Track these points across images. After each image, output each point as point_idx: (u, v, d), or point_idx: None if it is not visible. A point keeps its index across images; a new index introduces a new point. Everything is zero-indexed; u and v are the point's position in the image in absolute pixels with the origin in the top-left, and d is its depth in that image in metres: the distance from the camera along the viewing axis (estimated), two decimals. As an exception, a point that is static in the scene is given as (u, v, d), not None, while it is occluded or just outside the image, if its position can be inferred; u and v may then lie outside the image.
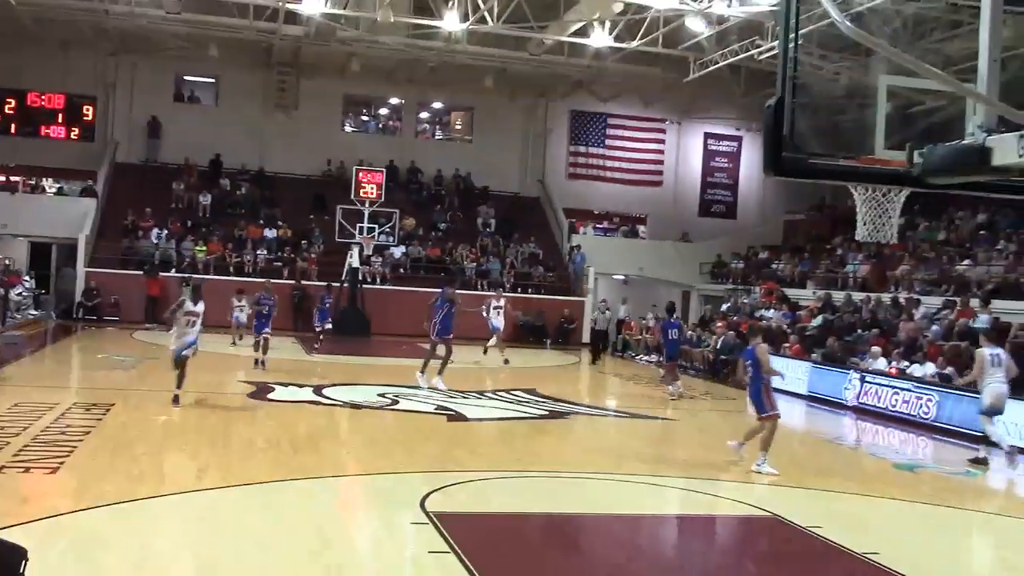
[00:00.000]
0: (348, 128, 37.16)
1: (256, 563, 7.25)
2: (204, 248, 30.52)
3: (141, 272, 28.78)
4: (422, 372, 17.58)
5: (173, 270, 29.47)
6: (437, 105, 38.02)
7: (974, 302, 21.04)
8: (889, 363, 19.93)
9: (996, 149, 5.43)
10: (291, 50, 32.74)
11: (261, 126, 34.49)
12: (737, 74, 31.25)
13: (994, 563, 8.80)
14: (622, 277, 35.16)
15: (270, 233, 32.10)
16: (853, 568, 8.29)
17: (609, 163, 37.47)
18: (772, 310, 27.41)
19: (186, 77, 35.27)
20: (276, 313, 20.35)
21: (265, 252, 31.21)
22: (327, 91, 34.93)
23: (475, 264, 32.68)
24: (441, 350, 17.65)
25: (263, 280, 25.18)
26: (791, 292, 28.71)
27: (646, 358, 28.30)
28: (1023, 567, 8.81)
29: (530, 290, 32.48)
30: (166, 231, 30.89)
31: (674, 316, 20.31)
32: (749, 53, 26.50)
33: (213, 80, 35.09)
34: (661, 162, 37.83)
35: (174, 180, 32.97)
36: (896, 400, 18.26)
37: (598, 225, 38.13)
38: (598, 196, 37.58)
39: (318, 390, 16.95)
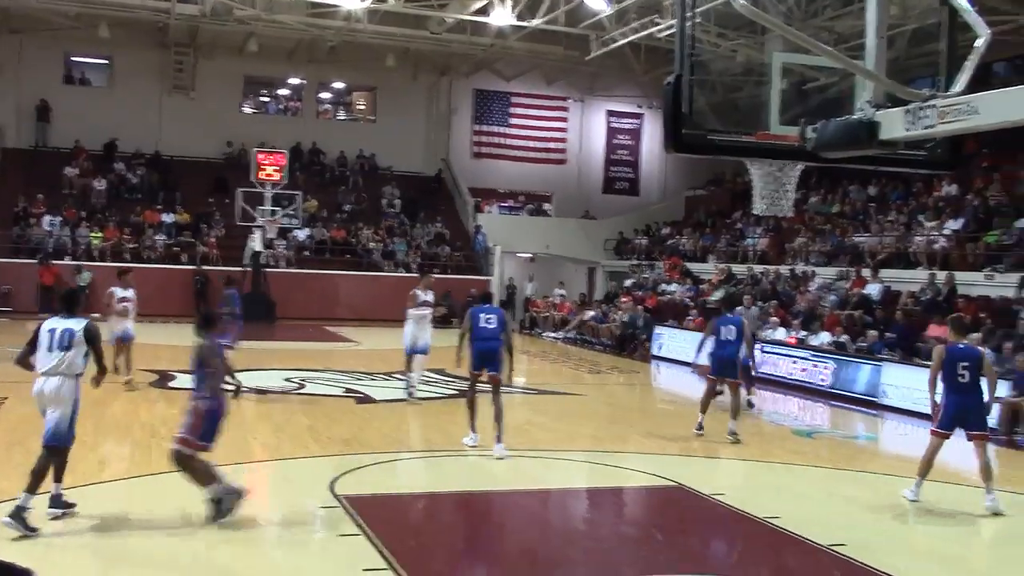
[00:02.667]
0: (248, 109, 36.38)
1: (163, 552, 7.13)
2: (100, 234, 29.63)
3: (35, 261, 27.81)
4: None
5: (68, 258, 28.55)
6: (339, 85, 37.51)
7: (867, 272, 21.78)
8: (788, 333, 20.50)
9: (883, 124, 5.63)
10: (187, 29, 31.87)
11: (157, 108, 33.50)
12: (638, 52, 31.56)
13: (889, 521, 9.15)
14: (528, 255, 35.35)
15: (168, 218, 31.31)
16: (756, 532, 8.54)
17: (513, 141, 37.53)
18: (675, 284, 27.92)
19: (76, 58, 34.02)
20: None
21: (164, 237, 30.45)
22: (225, 71, 34.11)
23: (381, 245, 32.45)
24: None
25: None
26: (693, 266, 29.29)
27: (552, 335, 28.56)
28: (916, 524, 9.20)
29: (436, 270, 32.38)
30: (60, 218, 29.87)
31: (734, 310, 14.61)
32: (649, 31, 26.78)
33: (106, 61, 33.95)
34: (565, 140, 38.04)
35: (66, 165, 31.85)
36: (794, 369, 18.82)
37: (503, 204, 38.21)
38: (503, 175, 37.64)
39: (222, 376, 16.63)
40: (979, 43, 5.59)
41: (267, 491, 9.70)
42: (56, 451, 7.71)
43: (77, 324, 7.80)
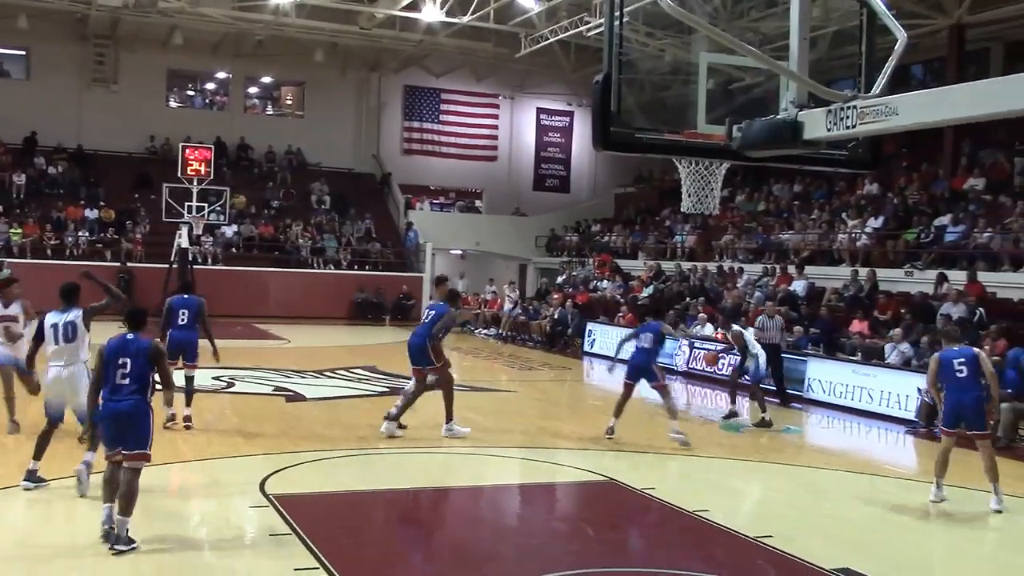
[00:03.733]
0: (173, 103, 35.71)
1: (90, 556, 6.99)
2: (20, 230, 28.85)
3: (-51, 257, 26.96)
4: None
5: (-15, 254, 27.75)
6: (266, 80, 37.04)
7: (792, 269, 22.22)
8: (715, 329, 20.80)
9: (806, 124, 5.75)
10: (109, 21, 31.15)
11: (78, 101, 32.72)
12: (567, 50, 31.76)
13: (813, 512, 9.37)
14: (459, 252, 35.33)
15: (91, 214, 30.60)
16: (686, 525, 8.68)
17: (444, 138, 37.45)
18: (606, 281, 28.15)
19: (-7, 49, 33.14)
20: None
21: (87, 234, 29.76)
22: (149, 65, 33.42)
23: (310, 242, 32.15)
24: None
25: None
26: (623, 263, 29.56)
27: (485, 332, 28.61)
28: (837, 513, 9.43)
29: (367, 267, 32.25)
30: (-24, 213, 29.03)
31: (657, 317, 13.48)
32: (578, 29, 26.94)
33: (23, 52, 33.02)
34: (496, 137, 38.09)
35: (-17, 159, 30.97)
36: (722, 364, 19.08)
37: (435, 200, 38.13)
38: (434, 171, 37.54)
39: (149, 375, 16.34)
40: (897, 46, 5.75)
41: (197, 491, 9.56)
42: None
43: (76, 315, 9.18)
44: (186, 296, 12.45)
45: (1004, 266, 18.69)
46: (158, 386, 7.74)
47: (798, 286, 21.32)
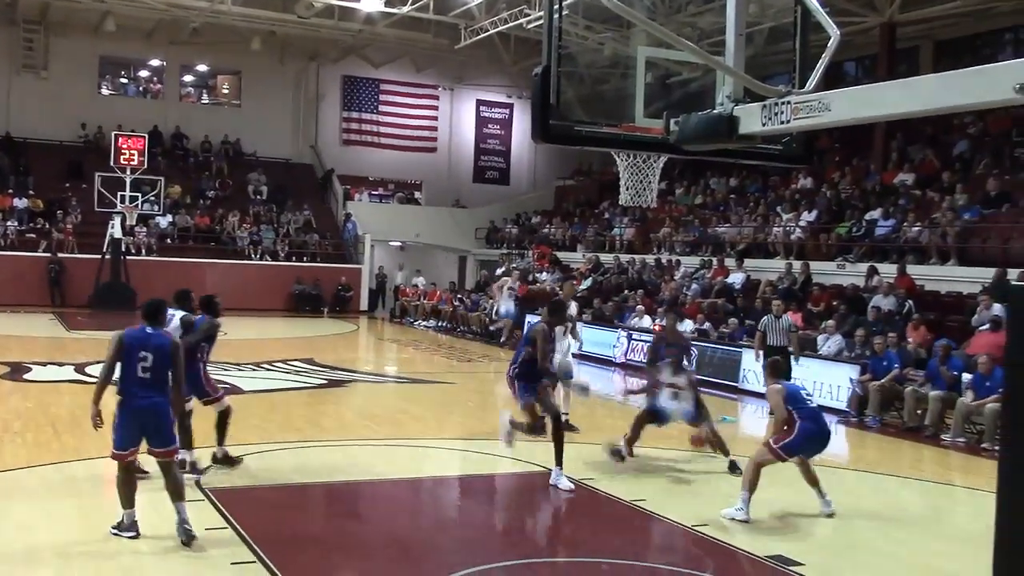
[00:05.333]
0: (105, 91, 34.92)
1: (22, 551, 6.86)
2: (-56, 220, 28.10)
3: None
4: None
5: (-92, 244, 26.99)
6: (202, 68, 36.42)
7: (729, 261, 22.52)
8: (653, 321, 21.01)
9: (742, 118, 5.83)
10: (38, 6, 30.40)
11: (7, 88, 31.89)
12: (507, 42, 31.75)
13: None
14: (399, 244, 35.19)
15: (21, 203, 29.87)
16: (624, 515, 8.78)
17: (383, 129, 37.21)
18: (545, 273, 28.25)
19: (-84, 32, 32.13)
20: None
21: (16, 224, 29.05)
22: (80, 51, 32.67)
23: (248, 233, 31.75)
24: None
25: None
26: (563, 255, 29.69)
27: (424, 323, 28.55)
28: (770, 501, 9.59)
29: (305, 258, 31.95)
30: (-102, 201, 28.18)
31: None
32: (518, 22, 26.96)
33: (-52, 37, 32.15)
34: (435, 128, 37.95)
35: (-94, 146, 30.05)
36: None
37: (373, 192, 37.88)
38: (373, 162, 37.30)
39: (80, 368, 16.03)
40: (830, 43, 5.87)
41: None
42: None
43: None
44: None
45: (932, 259, 19.14)
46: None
47: (735, 279, 21.62)
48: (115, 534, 7.20)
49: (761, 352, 14.74)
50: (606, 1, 5.59)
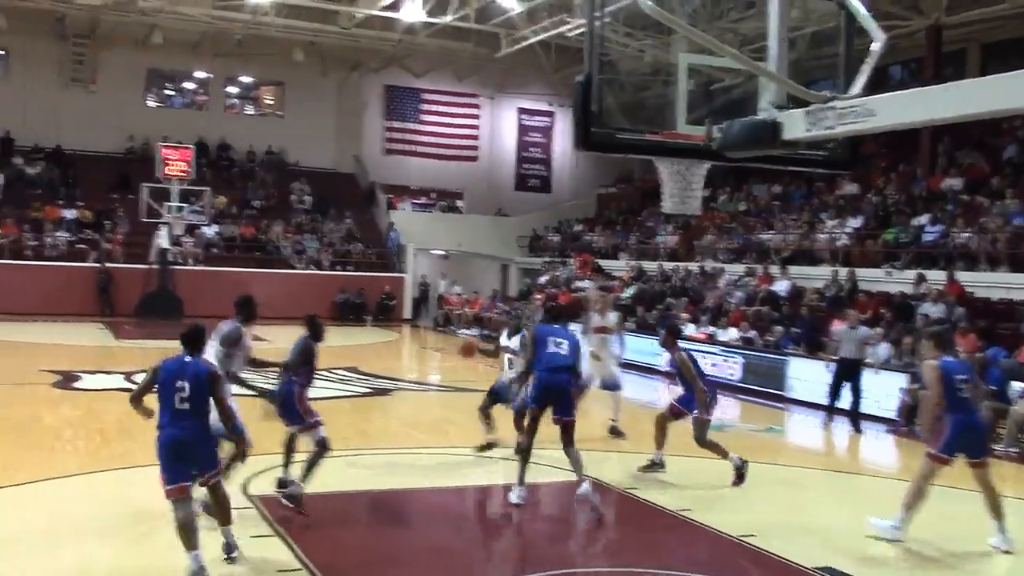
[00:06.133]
0: (152, 103, 35.48)
1: (74, 556, 6.95)
2: (-3, 230, 28.63)
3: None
4: None
5: (-37, 255, 27.55)
6: (246, 79, 36.88)
7: (773, 269, 22.32)
8: (697, 328, 20.88)
9: (786, 124, 5.76)
10: (87, 20, 30.96)
11: (56, 101, 32.46)
12: (548, 50, 31.78)
13: (794, 511, 9.40)
14: (441, 252, 35.30)
15: (70, 214, 30.39)
16: (669, 524, 8.70)
17: (425, 138, 37.40)
18: (587, 281, 28.17)
19: (-30, 49, 32.88)
20: None
21: (66, 234, 29.56)
22: (128, 64, 33.23)
23: (291, 242, 32.03)
24: None
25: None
26: (605, 263, 29.59)
27: (467, 332, 28.58)
28: (814, 513, 9.48)
29: (349, 267, 32.16)
30: (-47, 213, 28.76)
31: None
32: (559, 30, 26.98)
33: (2, 52, 32.77)
34: (476, 137, 38.07)
35: (-40, 159, 30.71)
36: (704, 363, 19.13)
37: (416, 201, 38.06)
38: (415, 171, 37.47)
39: (128, 376, 16.23)
40: (875, 47, 5.78)
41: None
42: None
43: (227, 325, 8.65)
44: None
45: (982, 265, 18.83)
46: None
47: (780, 286, 21.42)
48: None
49: (833, 363, 14.43)
50: (647, 8, 5.56)
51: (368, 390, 16.20)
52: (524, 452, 9.14)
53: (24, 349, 20.06)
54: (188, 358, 7.02)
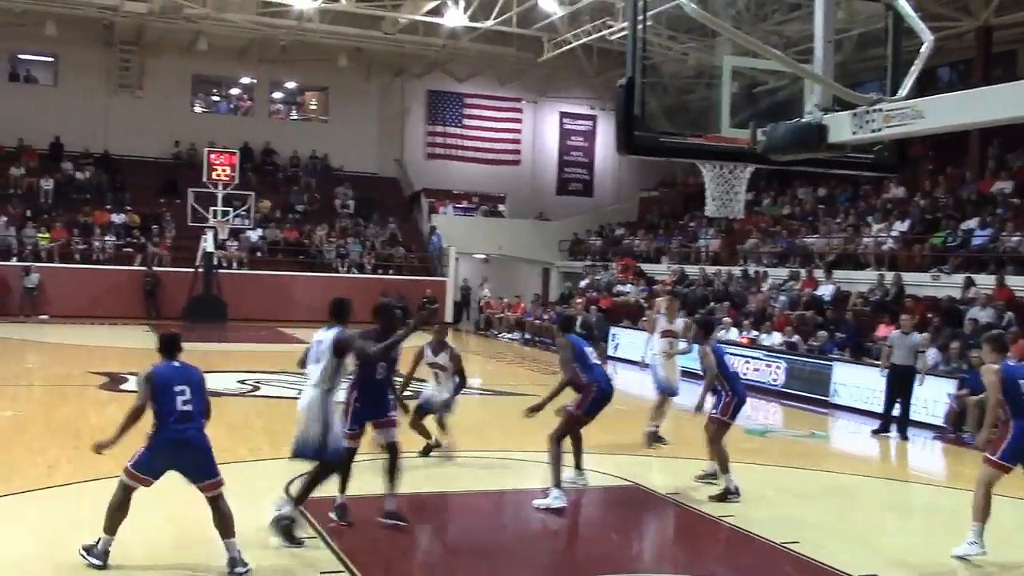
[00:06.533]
0: (198, 109, 35.99)
1: (118, 557, 7.03)
2: (47, 235, 29.14)
3: (-21, 262, 27.27)
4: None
5: (14, 259, 28.05)
6: (290, 85, 37.26)
7: (818, 273, 22.09)
8: (740, 333, 20.72)
9: (832, 127, 5.71)
10: (134, 28, 31.43)
11: (104, 107, 33.02)
12: (590, 54, 31.74)
13: (842, 518, 9.29)
14: (483, 256, 35.36)
15: (118, 218, 30.86)
16: (711, 530, 8.63)
17: (467, 142, 37.53)
18: (629, 285, 28.09)
19: (21, 56, 33.48)
20: None
21: (114, 238, 30.02)
22: (174, 70, 33.70)
23: (335, 246, 32.26)
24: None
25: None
26: (647, 267, 29.49)
27: (508, 336, 28.61)
28: (864, 519, 9.35)
29: (391, 271, 32.32)
30: (4, 218, 29.30)
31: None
32: (601, 33, 26.93)
33: (51, 59, 33.40)
34: (518, 141, 38.12)
35: (11, 164, 31.26)
36: (747, 368, 19.01)
37: (458, 205, 38.16)
38: (457, 176, 37.57)
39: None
40: (923, 48, 5.71)
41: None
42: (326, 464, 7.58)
43: (329, 334, 7.73)
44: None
45: (1033, 269, 18.50)
46: None
47: (824, 290, 21.19)
48: (82, 555, 6.83)
49: (886, 370, 14.22)
50: (691, 11, 5.54)
51: (410, 393, 16.22)
52: (559, 456, 9.27)
53: (72, 351, 20.37)
54: (176, 363, 7.17)
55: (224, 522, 6.96)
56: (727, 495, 9.32)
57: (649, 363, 12.77)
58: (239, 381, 16.43)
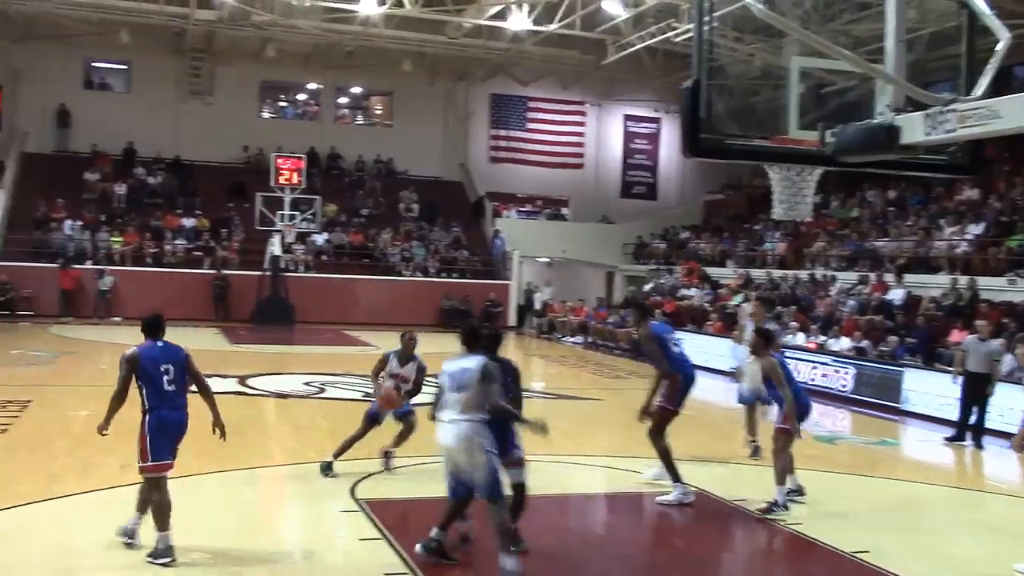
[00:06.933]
0: (266, 114, 36.57)
1: (185, 556, 7.16)
2: (120, 239, 29.84)
3: (56, 265, 27.99)
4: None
5: (88, 262, 28.77)
6: (356, 90, 37.65)
7: (888, 277, 21.67)
8: (808, 338, 20.41)
9: (904, 128, 5.60)
10: (205, 35, 32.07)
11: (176, 113, 33.75)
12: (655, 56, 31.56)
13: (912, 528, 9.10)
14: (546, 260, 35.34)
15: (188, 222, 31.50)
16: (777, 538, 8.51)
17: (530, 146, 37.57)
18: (693, 289, 27.84)
19: (96, 63, 34.35)
20: None
21: (184, 242, 30.63)
22: (243, 77, 34.35)
23: (400, 249, 32.51)
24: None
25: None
26: (712, 271, 29.20)
27: (572, 339, 28.54)
28: (932, 529, 9.14)
29: (455, 275, 32.47)
30: (80, 222, 30.07)
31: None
32: (666, 36, 26.75)
33: (124, 66, 34.22)
34: (582, 144, 38.06)
35: (86, 170, 32.08)
36: (815, 374, 18.72)
37: (521, 208, 38.22)
38: (521, 179, 37.66)
39: (242, 380, 16.73)
40: (999, 47, 5.57)
41: (288, 495, 9.74)
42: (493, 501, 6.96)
43: (474, 363, 7.01)
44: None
45: (1114, 274, 17.94)
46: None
47: (895, 295, 20.78)
48: (150, 562, 6.88)
49: (960, 377, 13.89)
50: (758, 12, 5.47)
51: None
52: (667, 451, 9.42)
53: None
54: (160, 343, 7.38)
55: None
56: (773, 507, 9.00)
57: (735, 372, 12.32)
58: (305, 383, 16.64)
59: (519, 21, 28.04)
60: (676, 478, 9.31)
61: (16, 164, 31.24)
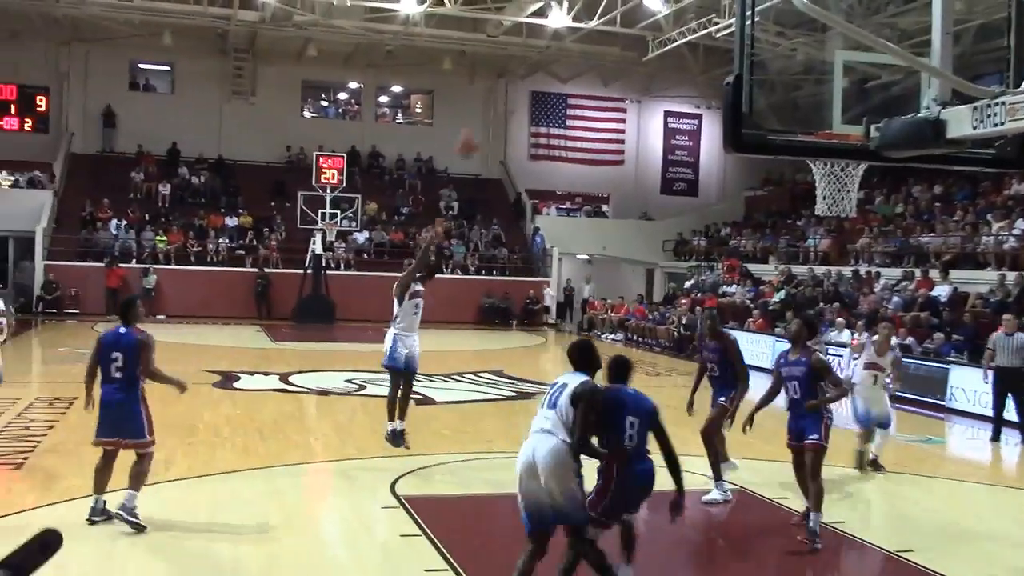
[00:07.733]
0: (307, 114, 36.86)
1: (228, 552, 7.23)
2: (164, 238, 30.23)
3: (102, 264, 28.42)
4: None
5: (133, 261, 29.18)
6: (396, 89, 37.82)
7: (933, 273, 21.36)
8: (852, 335, 20.14)
9: (951, 122, 5.51)
10: (247, 36, 32.38)
11: (219, 113, 34.14)
12: (695, 52, 31.37)
13: (957, 527, 8.96)
14: (586, 257, 35.27)
15: (231, 221, 31.84)
16: (821, 537, 8.40)
17: (571, 143, 37.52)
18: (735, 286, 27.64)
19: (140, 65, 34.81)
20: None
21: (227, 240, 30.95)
22: (285, 77, 34.65)
23: (439, 248, 32.59)
24: None
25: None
26: (753, 267, 28.96)
27: (611, 336, 28.46)
28: (977, 529, 9.00)
29: (495, 272, 32.51)
30: (125, 221, 30.51)
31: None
32: (707, 31, 26.57)
33: (168, 67, 34.66)
34: (622, 141, 37.93)
35: (131, 170, 32.54)
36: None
37: (561, 205, 38.17)
38: (561, 176, 37.61)
39: (284, 377, 16.89)
40: (1050, 38, 5.46)
41: (329, 491, 9.81)
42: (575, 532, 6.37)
43: (573, 380, 6.38)
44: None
45: None
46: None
47: (940, 291, 20.48)
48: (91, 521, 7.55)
49: (990, 372, 13.65)
50: (801, 6, 5.41)
51: (513, 393, 16.31)
52: (717, 450, 9.49)
53: (188, 350, 21.02)
54: (123, 329, 7.73)
55: (138, 479, 7.63)
56: (815, 540, 8.02)
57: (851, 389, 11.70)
58: (346, 380, 16.74)
59: (559, 18, 27.99)
60: (718, 476, 9.29)
61: (63, 165, 31.79)
